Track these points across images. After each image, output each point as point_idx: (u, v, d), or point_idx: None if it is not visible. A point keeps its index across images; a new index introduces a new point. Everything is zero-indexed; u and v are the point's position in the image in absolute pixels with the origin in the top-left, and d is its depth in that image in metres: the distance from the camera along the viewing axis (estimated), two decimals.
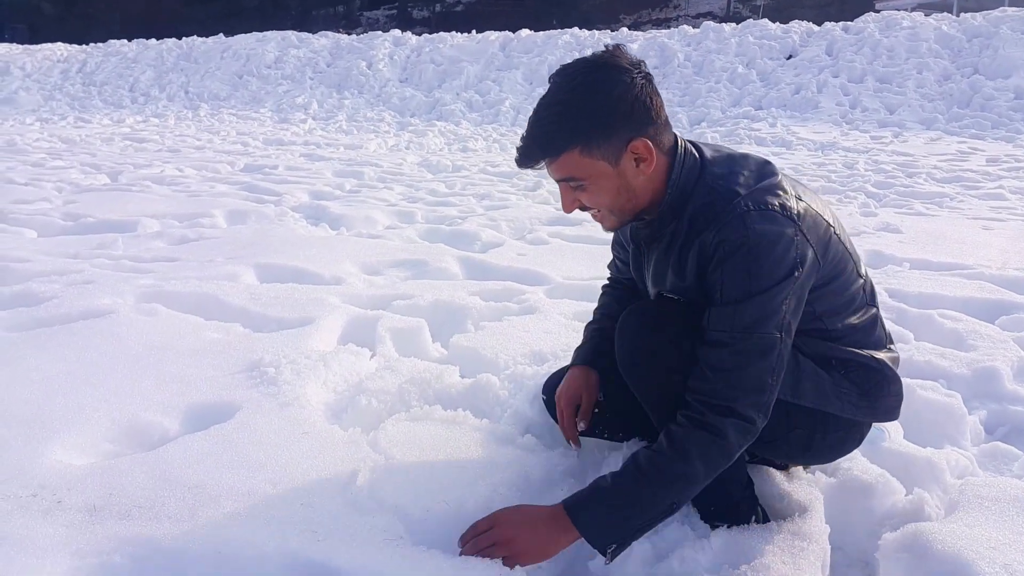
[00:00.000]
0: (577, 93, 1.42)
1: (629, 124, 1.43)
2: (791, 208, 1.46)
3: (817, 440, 1.65)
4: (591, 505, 1.44)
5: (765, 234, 1.41)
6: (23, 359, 2.41)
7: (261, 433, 1.90)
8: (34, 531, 1.52)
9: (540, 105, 1.47)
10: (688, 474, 1.42)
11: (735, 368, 1.42)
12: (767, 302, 1.41)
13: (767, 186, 1.48)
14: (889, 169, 7.58)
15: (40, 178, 6.77)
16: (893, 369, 1.70)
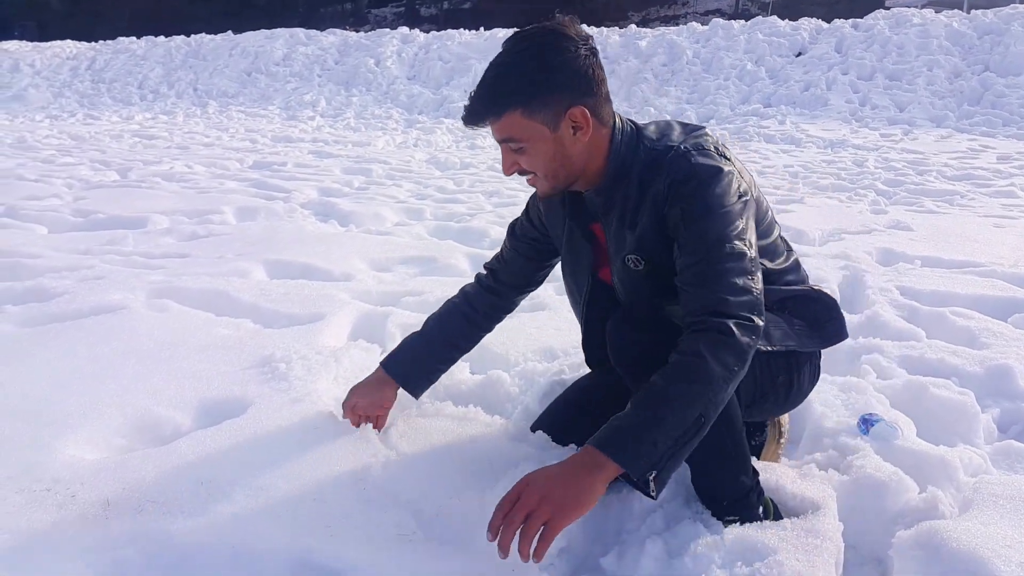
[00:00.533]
0: (523, 56, 1.48)
1: (569, 91, 1.49)
2: (724, 150, 1.60)
3: (795, 381, 1.75)
4: (616, 436, 1.37)
5: (708, 167, 1.52)
6: (35, 354, 2.42)
7: (273, 429, 1.90)
8: (49, 525, 1.53)
9: (489, 66, 1.53)
10: (704, 374, 1.39)
11: (716, 276, 1.47)
12: (728, 216, 1.49)
13: (698, 135, 1.61)
14: (899, 167, 7.54)
15: (50, 175, 6.80)
16: (828, 295, 1.82)
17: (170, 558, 1.45)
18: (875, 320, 3.01)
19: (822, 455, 2.03)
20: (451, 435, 1.91)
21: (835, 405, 2.25)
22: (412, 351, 1.97)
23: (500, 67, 1.51)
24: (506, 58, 1.50)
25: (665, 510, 1.72)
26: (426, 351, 1.98)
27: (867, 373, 2.53)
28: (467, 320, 1.99)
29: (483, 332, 2.04)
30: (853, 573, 1.71)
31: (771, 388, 1.71)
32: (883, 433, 2.04)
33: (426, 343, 1.98)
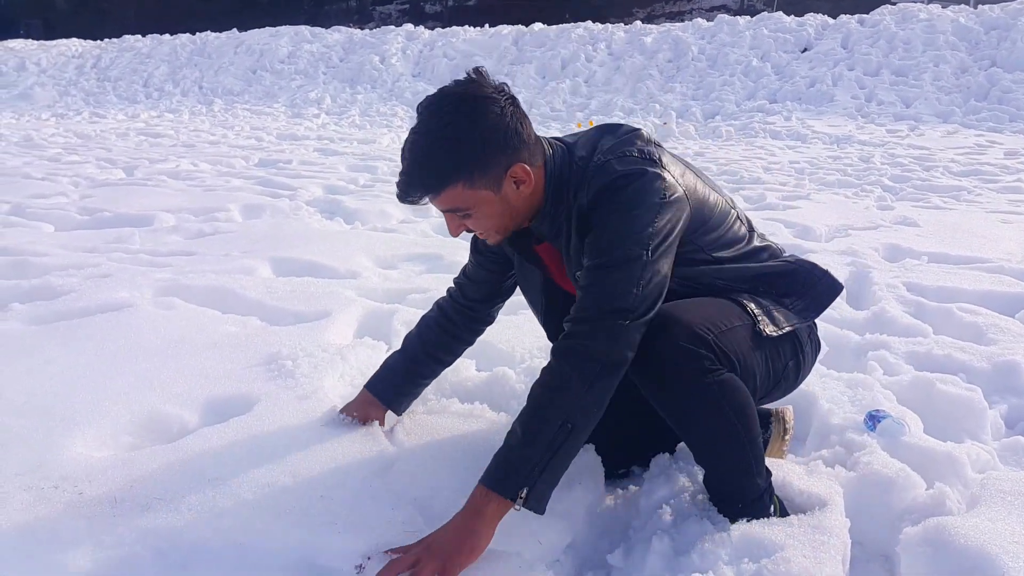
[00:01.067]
0: (451, 129, 1.45)
1: (505, 153, 1.48)
2: (651, 152, 1.57)
3: (802, 361, 1.76)
4: (492, 465, 1.46)
5: (626, 172, 1.51)
6: (42, 351, 2.43)
7: (280, 426, 1.91)
8: (57, 522, 1.54)
9: (414, 141, 1.48)
10: (557, 382, 1.45)
11: (597, 281, 1.48)
12: (629, 224, 1.48)
13: (623, 140, 1.59)
14: (905, 163, 7.51)
15: (56, 173, 6.82)
16: (800, 259, 1.80)
17: (178, 555, 1.46)
18: (882, 316, 3.00)
19: (829, 452, 2.02)
20: (457, 432, 1.91)
21: (842, 401, 2.24)
22: (394, 371, 1.96)
23: (431, 143, 1.46)
24: (434, 132, 1.46)
25: (672, 507, 1.72)
26: (408, 369, 1.96)
27: (874, 369, 2.52)
28: (446, 333, 1.98)
29: (464, 345, 2.03)
30: (860, 569, 1.71)
31: (783, 374, 1.71)
32: (890, 429, 2.03)
33: (408, 361, 1.96)
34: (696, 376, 1.48)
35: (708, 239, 1.64)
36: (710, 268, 1.65)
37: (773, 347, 1.64)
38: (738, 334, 1.57)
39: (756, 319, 1.61)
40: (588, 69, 14.38)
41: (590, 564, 1.70)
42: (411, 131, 1.50)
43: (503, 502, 1.41)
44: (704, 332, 1.50)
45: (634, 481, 1.90)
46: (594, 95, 13.45)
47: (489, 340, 2.64)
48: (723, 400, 1.50)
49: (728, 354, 1.52)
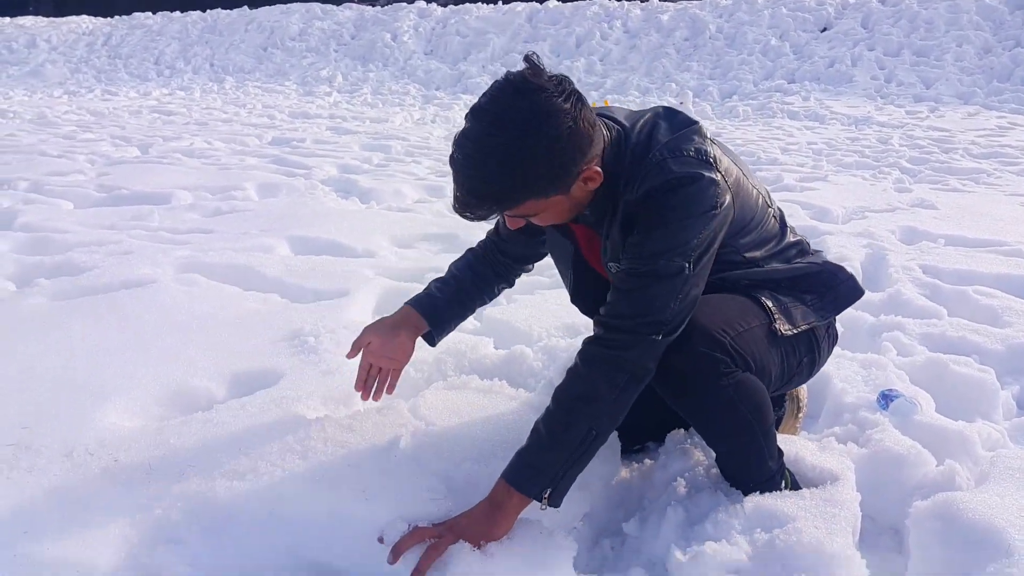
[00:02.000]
0: (521, 151, 1.35)
1: (578, 160, 1.41)
2: (707, 152, 1.50)
3: (818, 356, 1.77)
4: (517, 461, 1.48)
5: (681, 176, 1.45)
6: (69, 326, 2.48)
7: (306, 399, 1.96)
8: (95, 488, 1.60)
9: (479, 160, 1.38)
10: (589, 392, 1.46)
11: (635, 288, 1.46)
12: (678, 233, 1.44)
13: (682, 135, 1.52)
14: (924, 144, 7.47)
15: (72, 150, 6.88)
16: (827, 261, 1.80)
17: (212, 519, 1.51)
18: (897, 298, 3.02)
19: (841, 429, 2.06)
20: (477, 407, 1.95)
21: (855, 381, 2.27)
22: (444, 295, 1.87)
23: (500, 164, 1.36)
24: (502, 153, 1.35)
25: (687, 479, 1.76)
26: (457, 298, 1.89)
27: (888, 350, 2.55)
28: (494, 270, 1.93)
29: (508, 286, 1.99)
30: (870, 543, 1.75)
31: (797, 369, 1.72)
32: (902, 408, 2.06)
33: (459, 290, 1.89)
34: (712, 380, 1.51)
35: (744, 241, 1.63)
36: (739, 272, 1.64)
37: (789, 345, 1.66)
38: (755, 334, 1.58)
39: (773, 318, 1.62)
40: (603, 47, 14.29)
41: (607, 532, 1.75)
42: (469, 142, 1.39)
43: (525, 499, 1.45)
44: (721, 335, 1.51)
45: (650, 455, 1.94)
46: (609, 74, 13.39)
47: (507, 319, 2.70)
48: (738, 401, 1.54)
49: (744, 355, 1.54)
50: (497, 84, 1.40)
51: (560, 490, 1.47)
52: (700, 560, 1.46)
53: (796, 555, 1.44)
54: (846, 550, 1.45)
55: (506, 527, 1.44)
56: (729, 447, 1.65)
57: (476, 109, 1.39)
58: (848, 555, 1.44)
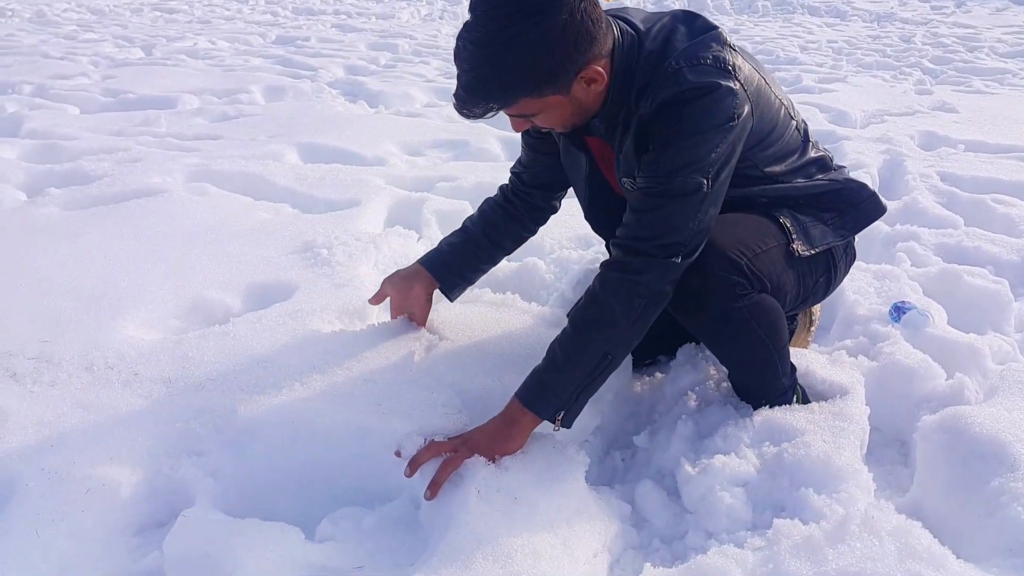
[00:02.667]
0: (515, 39, 1.30)
1: (574, 58, 1.35)
2: (726, 59, 1.43)
3: (834, 275, 1.75)
4: (531, 381, 1.48)
5: (697, 85, 1.38)
6: (83, 237, 2.49)
7: (320, 312, 1.97)
8: (117, 400, 1.63)
9: (473, 51, 1.34)
10: (606, 316, 1.45)
11: (652, 209, 1.43)
12: (695, 147, 1.39)
13: (700, 42, 1.44)
14: (948, 43, 7.22)
15: (75, 52, 6.73)
16: (849, 178, 1.75)
17: (233, 432, 1.55)
18: (913, 207, 2.99)
19: (852, 342, 2.07)
20: (490, 320, 1.96)
21: (868, 292, 2.27)
22: (453, 250, 1.86)
23: (494, 55, 1.32)
24: (496, 43, 1.31)
25: (697, 393, 1.79)
26: (468, 250, 1.86)
27: (902, 261, 2.54)
28: (510, 219, 1.88)
29: (528, 233, 1.94)
30: (877, 454, 1.79)
31: (813, 290, 1.71)
32: (914, 321, 2.07)
33: (468, 243, 1.86)
34: (728, 302, 1.49)
35: (764, 154, 1.57)
36: (757, 188, 1.60)
37: (806, 265, 1.64)
38: (772, 255, 1.56)
39: (791, 238, 1.59)
40: None
41: (617, 444, 1.79)
42: (466, 34, 1.35)
43: (538, 418, 1.47)
44: (738, 256, 1.49)
45: (660, 369, 1.97)
46: None
47: None
48: (753, 321, 1.53)
49: (761, 277, 1.52)
50: None
51: (573, 412, 1.49)
52: (709, 472, 1.49)
53: (804, 468, 1.47)
54: (853, 463, 1.48)
55: (520, 442, 1.47)
56: (743, 366, 1.67)
57: (473, 4, 1.35)
58: (855, 468, 1.47)
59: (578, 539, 1.34)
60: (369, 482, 1.52)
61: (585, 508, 1.41)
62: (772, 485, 1.48)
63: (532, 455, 1.46)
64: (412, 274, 1.84)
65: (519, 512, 1.34)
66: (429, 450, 1.45)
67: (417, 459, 1.44)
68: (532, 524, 1.32)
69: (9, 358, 1.77)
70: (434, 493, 1.39)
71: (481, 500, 1.34)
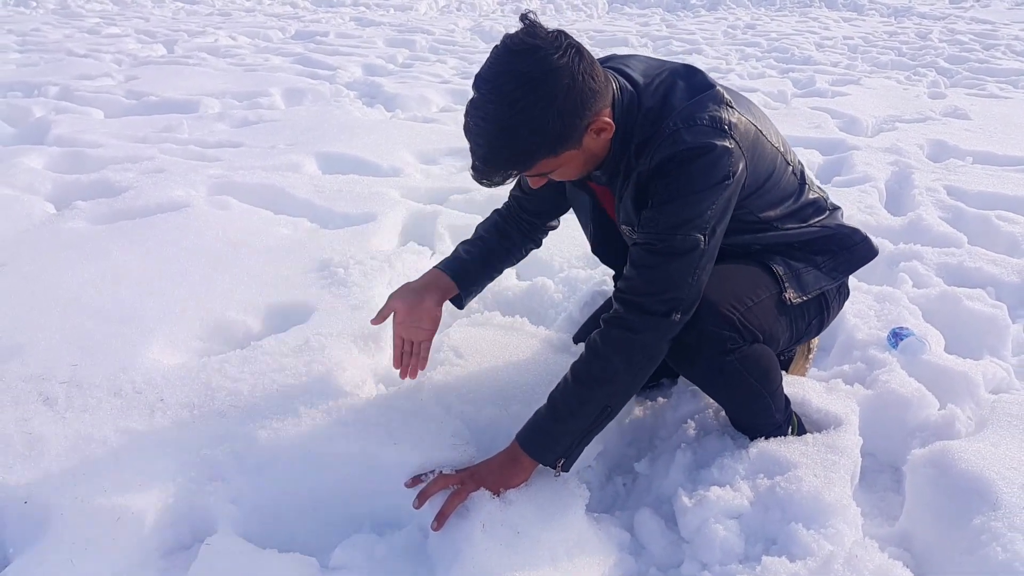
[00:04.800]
0: (525, 114, 1.35)
1: (584, 113, 1.41)
2: (722, 119, 1.48)
3: (827, 317, 1.81)
4: (533, 428, 1.55)
5: (695, 146, 1.44)
6: (110, 254, 2.58)
7: (336, 337, 2.06)
8: (144, 427, 1.73)
9: (487, 130, 1.39)
10: (607, 374, 1.52)
11: (654, 266, 1.49)
12: (693, 206, 1.45)
13: (697, 102, 1.50)
14: (965, 40, 7.18)
15: (98, 48, 6.84)
16: (841, 223, 1.80)
17: (254, 459, 1.64)
18: (918, 224, 3.03)
19: (850, 367, 2.13)
20: (499, 345, 2.04)
21: (868, 316, 2.33)
22: (471, 256, 1.87)
23: (507, 132, 1.37)
24: (508, 120, 1.36)
25: (696, 421, 1.86)
26: (485, 258, 1.88)
27: (904, 282, 2.59)
28: (520, 231, 1.92)
29: (535, 246, 2.00)
30: (870, 480, 1.86)
31: (806, 331, 1.77)
32: (912, 347, 2.12)
33: (485, 249, 1.89)
34: (720, 356, 1.56)
35: (760, 201, 1.63)
36: (750, 236, 1.66)
37: (799, 310, 1.70)
38: (764, 306, 1.62)
39: (784, 287, 1.65)
40: None
41: (619, 470, 1.87)
42: (475, 111, 1.40)
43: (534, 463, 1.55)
44: (730, 311, 1.55)
45: (663, 393, 2.04)
46: None
47: None
48: (745, 372, 1.60)
49: (753, 329, 1.58)
50: (495, 50, 1.40)
51: (572, 458, 1.57)
52: (704, 505, 1.57)
53: (795, 503, 1.54)
54: (842, 499, 1.55)
55: (523, 478, 1.55)
56: (737, 408, 1.74)
57: (478, 77, 1.40)
58: (843, 504, 1.54)
59: (578, 570, 1.42)
60: (380, 510, 1.61)
61: (585, 540, 1.49)
62: (764, 518, 1.55)
63: (535, 488, 1.54)
64: (423, 285, 1.81)
65: (522, 545, 1.42)
66: (437, 483, 1.53)
67: (426, 491, 1.52)
68: (534, 557, 1.41)
69: (42, 382, 1.87)
70: (440, 524, 1.47)
71: (486, 534, 1.43)
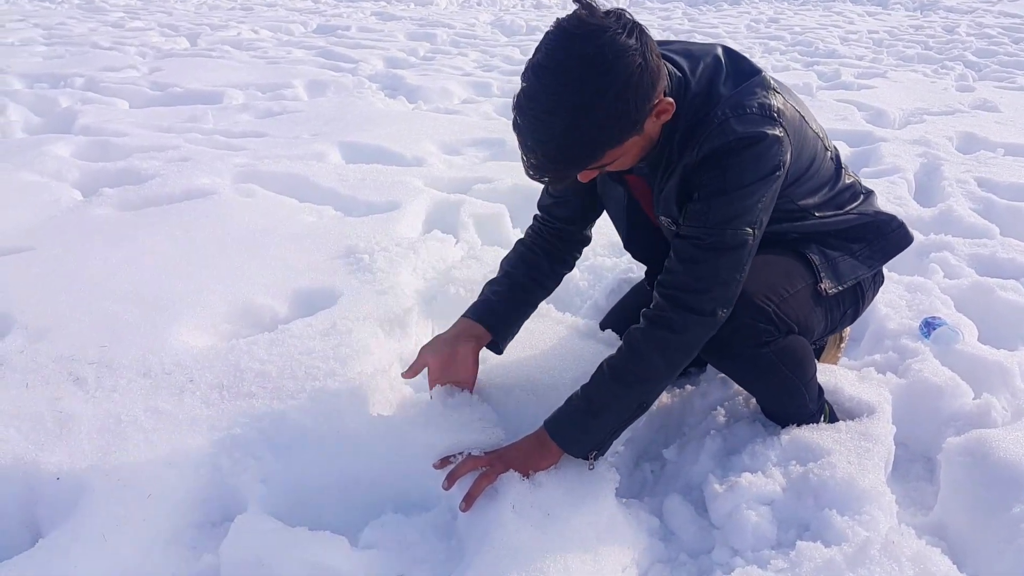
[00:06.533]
0: (595, 100, 1.25)
1: (651, 95, 1.32)
2: (771, 106, 1.43)
3: (861, 305, 1.79)
4: (566, 420, 1.51)
5: (744, 136, 1.39)
6: (138, 239, 2.60)
7: (363, 319, 2.06)
8: (174, 406, 1.73)
9: (545, 122, 1.28)
10: (649, 373, 1.49)
11: (704, 261, 1.43)
12: (743, 199, 1.41)
13: (744, 89, 1.45)
14: (993, 34, 7.08)
15: (123, 41, 6.90)
16: (879, 210, 1.77)
17: (283, 438, 1.64)
18: (948, 215, 2.98)
19: (882, 356, 2.11)
20: (526, 331, 1.99)
21: (899, 306, 2.30)
22: (501, 298, 1.76)
23: (571, 124, 1.27)
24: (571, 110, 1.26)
25: (726, 408, 1.84)
26: (516, 296, 1.78)
27: (935, 272, 2.55)
28: (551, 257, 1.81)
29: (567, 269, 1.88)
30: (903, 470, 1.83)
31: (840, 320, 1.75)
32: (945, 337, 2.09)
33: (514, 287, 1.78)
34: (755, 348, 1.54)
35: (800, 189, 1.59)
36: (788, 224, 1.62)
37: (834, 300, 1.67)
38: (799, 297, 1.59)
39: (819, 277, 1.62)
40: None
41: (647, 456, 1.85)
42: (534, 105, 1.29)
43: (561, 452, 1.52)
44: (765, 303, 1.52)
45: (691, 381, 2.02)
46: None
47: None
48: (781, 363, 1.58)
49: (788, 321, 1.56)
50: (551, 35, 1.29)
51: (604, 450, 1.55)
52: (736, 491, 1.55)
53: (828, 489, 1.52)
54: (877, 486, 1.52)
55: (552, 461, 1.53)
56: (770, 398, 1.72)
57: (536, 67, 1.29)
58: (879, 491, 1.51)
59: (608, 554, 1.41)
60: (409, 491, 1.60)
61: (615, 523, 1.47)
62: (797, 505, 1.53)
63: (564, 471, 1.53)
64: (455, 336, 1.72)
65: (552, 527, 1.41)
66: (466, 464, 1.52)
67: (455, 472, 1.51)
68: (564, 539, 1.39)
69: (72, 362, 1.88)
70: (469, 505, 1.46)
71: (516, 515, 1.42)
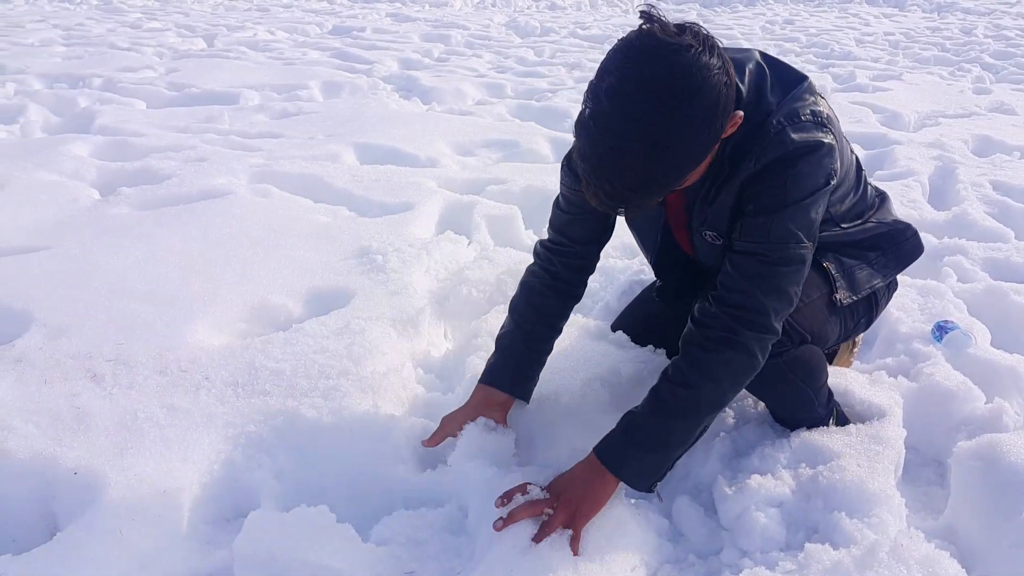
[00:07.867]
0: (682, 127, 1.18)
1: (727, 114, 1.26)
2: (821, 112, 1.42)
3: (875, 313, 1.79)
4: (628, 453, 1.44)
5: (801, 145, 1.36)
6: (155, 238, 2.63)
7: (376, 319, 2.08)
8: (189, 403, 1.76)
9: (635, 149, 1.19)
10: (718, 398, 1.45)
11: (771, 277, 1.39)
12: (804, 212, 1.38)
13: (795, 96, 1.41)
14: (1011, 36, 7.03)
15: (140, 42, 6.96)
16: (894, 216, 1.77)
17: (297, 437, 1.66)
18: (963, 218, 2.97)
19: (893, 360, 2.10)
20: None
21: (912, 310, 2.29)
22: (516, 355, 1.69)
23: (659, 147, 1.19)
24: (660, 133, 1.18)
25: (735, 410, 1.84)
26: (531, 348, 1.71)
27: (948, 276, 2.55)
28: (561, 294, 1.72)
29: (574, 302, 1.78)
30: (914, 474, 1.82)
31: (854, 329, 1.76)
32: (957, 341, 2.09)
33: (527, 339, 1.70)
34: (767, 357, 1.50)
35: (833, 197, 1.55)
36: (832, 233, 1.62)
37: (849, 310, 1.67)
38: (814, 307, 1.59)
39: (835, 287, 1.62)
40: None
41: None
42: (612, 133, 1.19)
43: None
44: None
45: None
46: None
47: None
48: (791, 373, 1.58)
49: (802, 331, 1.56)
50: (621, 55, 1.20)
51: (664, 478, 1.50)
52: (745, 492, 1.55)
53: (837, 492, 1.52)
54: (886, 489, 1.52)
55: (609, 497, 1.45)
56: (779, 405, 1.72)
57: (611, 91, 1.19)
58: (888, 494, 1.51)
59: (617, 554, 1.42)
60: (420, 488, 1.62)
61: (624, 523, 1.48)
62: (806, 507, 1.53)
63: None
64: (476, 406, 1.66)
65: None
66: (526, 509, 1.40)
67: (514, 515, 1.39)
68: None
69: (89, 359, 1.91)
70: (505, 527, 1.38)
71: None
